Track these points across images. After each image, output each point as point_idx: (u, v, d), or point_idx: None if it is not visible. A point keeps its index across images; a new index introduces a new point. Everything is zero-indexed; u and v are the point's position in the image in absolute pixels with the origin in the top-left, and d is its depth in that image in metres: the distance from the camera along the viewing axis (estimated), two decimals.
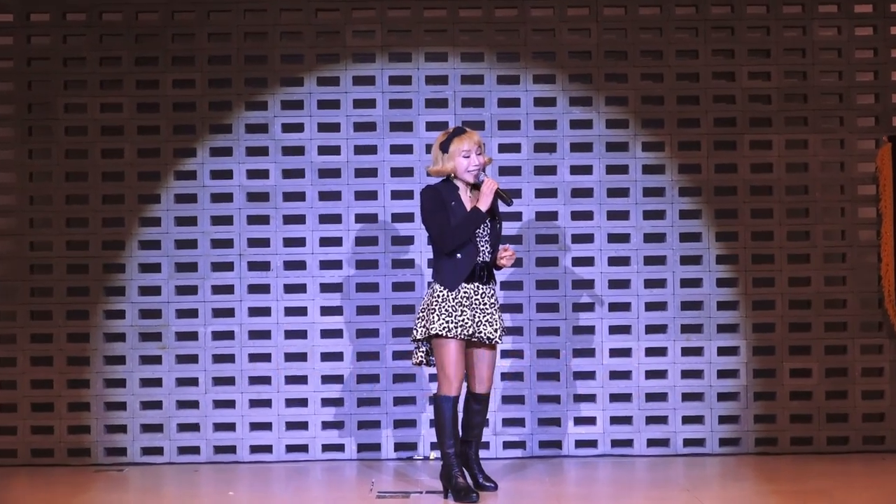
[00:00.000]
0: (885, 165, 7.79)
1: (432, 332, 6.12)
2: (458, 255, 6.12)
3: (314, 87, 7.83)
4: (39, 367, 7.83)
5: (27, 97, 7.83)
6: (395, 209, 7.82)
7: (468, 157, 6.21)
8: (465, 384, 6.53)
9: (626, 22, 7.87)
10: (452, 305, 6.17)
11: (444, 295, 6.14)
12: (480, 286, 6.25)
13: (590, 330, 7.87)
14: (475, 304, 6.20)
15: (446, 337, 6.12)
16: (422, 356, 6.31)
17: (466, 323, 6.17)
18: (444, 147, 6.24)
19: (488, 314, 6.23)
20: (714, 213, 7.91)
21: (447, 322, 6.14)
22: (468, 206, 6.22)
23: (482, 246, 6.27)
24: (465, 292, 6.18)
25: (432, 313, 6.14)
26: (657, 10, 7.86)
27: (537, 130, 7.88)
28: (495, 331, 6.26)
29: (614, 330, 7.91)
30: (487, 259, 6.27)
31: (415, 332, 6.25)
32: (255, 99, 7.83)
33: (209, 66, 7.84)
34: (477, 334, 6.20)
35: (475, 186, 6.33)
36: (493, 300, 6.29)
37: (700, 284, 7.91)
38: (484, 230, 6.29)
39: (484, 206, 6.12)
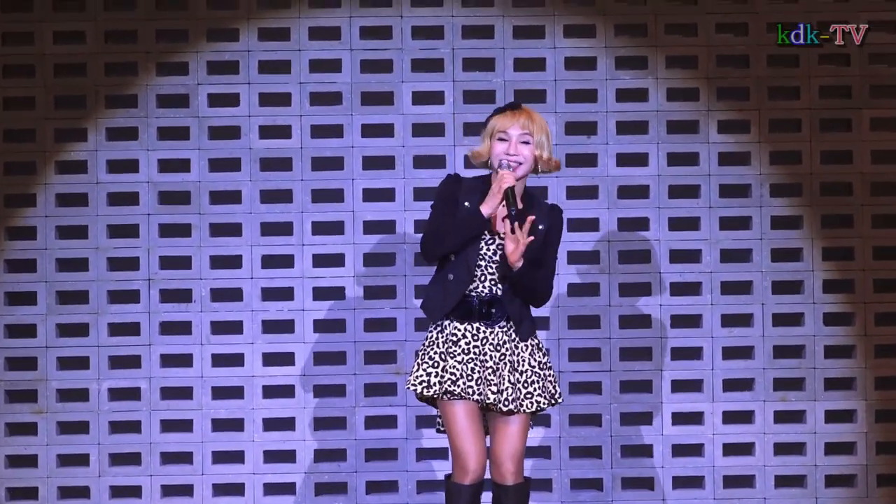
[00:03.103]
0: None
1: (407, 385, 5.56)
2: (450, 276, 5.53)
3: (254, 42, 7.23)
4: None
5: None
6: (370, 215, 7.21)
7: (506, 140, 5.54)
8: None
9: None
10: (442, 351, 5.54)
11: (433, 336, 5.58)
12: (483, 329, 5.54)
13: (645, 386, 7.23)
14: (474, 352, 5.53)
15: (428, 396, 5.50)
16: (439, 421, 5.68)
17: (448, 377, 5.50)
18: (487, 122, 5.66)
19: (487, 368, 5.50)
20: (820, 221, 7.25)
21: (427, 374, 5.51)
22: (492, 217, 5.59)
23: (484, 271, 5.57)
24: (454, 333, 5.57)
25: (416, 359, 5.58)
26: None
27: (570, 104, 7.26)
28: (500, 392, 5.48)
29: (679, 386, 7.26)
30: (497, 293, 5.56)
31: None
32: (170, 59, 7.25)
33: (105, 12, 7.23)
34: (476, 395, 5.49)
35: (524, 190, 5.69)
36: (504, 350, 5.56)
37: (800, 322, 7.26)
38: (488, 248, 5.61)
39: (486, 207, 5.48)
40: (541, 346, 5.65)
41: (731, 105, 7.22)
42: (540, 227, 5.59)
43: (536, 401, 5.53)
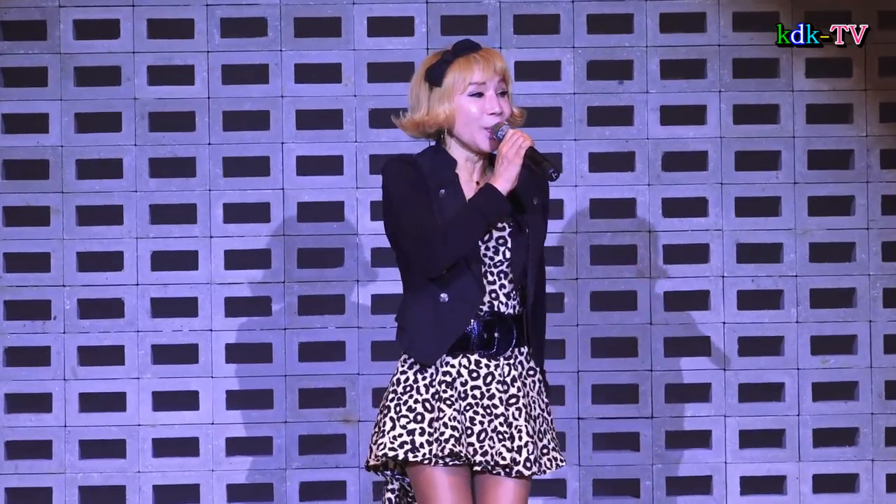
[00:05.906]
0: None
1: (380, 451, 4.62)
2: (443, 296, 4.68)
3: None
4: None
5: None
6: (308, 195, 6.59)
7: (482, 93, 4.68)
8: None
9: None
10: (424, 399, 4.74)
11: (410, 378, 4.75)
12: (485, 362, 4.74)
13: (701, 439, 6.58)
14: (473, 396, 4.77)
15: (413, 461, 4.66)
16: (391, 501, 4.89)
17: (450, 433, 4.71)
18: (435, 76, 4.69)
19: (497, 416, 4.69)
20: None
21: (408, 431, 4.69)
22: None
23: (491, 279, 4.78)
24: (447, 372, 4.78)
25: (387, 413, 4.73)
26: None
27: (594, 36, 6.67)
28: (518, 449, 4.67)
29: (751, 439, 6.59)
30: (509, 309, 4.78)
31: (369, 451, 4.93)
32: None
33: None
34: (476, 455, 4.66)
35: (491, 161, 4.88)
36: (514, 389, 4.80)
37: None
38: (495, 245, 4.78)
39: (504, 182, 4.61)
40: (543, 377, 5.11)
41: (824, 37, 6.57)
42: (534, 201, 4.89)
43: (553, 458, 4.84)
